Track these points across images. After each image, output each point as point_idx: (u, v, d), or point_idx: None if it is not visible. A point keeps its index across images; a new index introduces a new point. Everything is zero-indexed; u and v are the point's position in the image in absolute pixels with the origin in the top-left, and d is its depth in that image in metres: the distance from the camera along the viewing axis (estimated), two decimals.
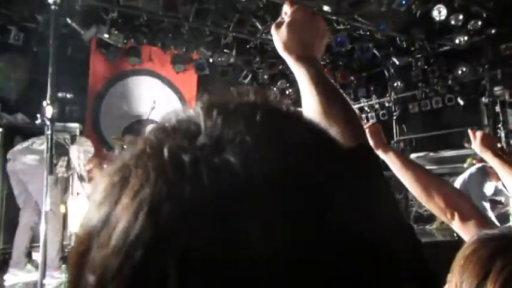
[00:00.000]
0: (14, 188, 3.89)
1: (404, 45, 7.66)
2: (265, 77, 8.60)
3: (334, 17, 6.65)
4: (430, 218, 6.16)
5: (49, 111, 2.69)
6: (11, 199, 4.39)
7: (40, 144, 3.76)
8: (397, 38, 7.51)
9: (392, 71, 8.45)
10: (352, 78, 9.23)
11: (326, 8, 6.35)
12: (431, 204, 1.29)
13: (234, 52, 7.74)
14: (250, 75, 8.48)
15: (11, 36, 6.19)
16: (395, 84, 8.54)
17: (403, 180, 1.38)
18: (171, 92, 8.12)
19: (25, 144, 3.87)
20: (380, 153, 1.44)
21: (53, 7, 2.28)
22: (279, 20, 0.86)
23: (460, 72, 7.55)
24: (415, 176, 1.35)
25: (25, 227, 3.89)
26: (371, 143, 1.35)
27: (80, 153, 4.03)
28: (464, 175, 5.63)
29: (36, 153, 3.71)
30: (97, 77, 7.34)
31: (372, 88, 9.13)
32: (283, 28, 0.83)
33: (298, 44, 0.82)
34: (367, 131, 1.24)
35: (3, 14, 6.01)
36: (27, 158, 3.75)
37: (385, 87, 8.91)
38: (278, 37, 0.84)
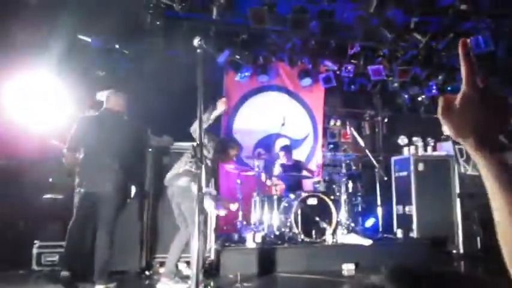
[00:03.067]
0: (174, 209, 4.29)
1: None
2: (395, 84, 8.25)
3: None
4: None
5: (196, 132, 2.92)
6: (165, 214, 4.89)
7: (190, 165, 4.11)
8: None
9: None
10: None
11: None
12: None
13: (361, 62, 7.60)
14: (378, 85, 8.20)
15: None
16: None
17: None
18: (299, 106, 8.24)
19: (174, 171, 4.25)
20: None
21: (198, 51, 2.48)
22: (445, 98, 0.74)
23: None
24: None
25: (180, 242, 4.24)
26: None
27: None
28: None
29: (186, 175, 4.07)
30: (230, 97, 7.79)
31: None
32: (455, 109, 0.71)
33: (475, 128, 0.69)
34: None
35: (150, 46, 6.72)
36: (180, 181, 4.12)
37: None
38: (448, 121, 0.72)
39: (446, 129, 0.73)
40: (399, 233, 6.61)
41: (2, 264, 4.71)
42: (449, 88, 7.92)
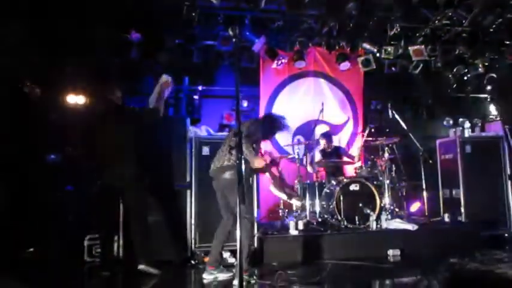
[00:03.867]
0: (219, 200, 4.35)
1: None
2: (438, 64, 7.93)
3: None
4: None
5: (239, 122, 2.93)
6: (209, 203, 4.97)
7: (228, 157, 4.14)
8: None
9: None
10: None
11: None
12: None
13: (402, 43, 7.36)
14: (421, 65, 7.91)
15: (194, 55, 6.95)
16: None
17: None
18: (338, 91, 8.10)
19: (217, 163, 4.28)
20: None
21: (234, 39, 2.48)
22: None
23: None
24: None
25: (223, 230, 4.30)
26: None
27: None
28: None
29: (230, 169, 4.09)
30: (267, 84, 7.76)
31: None
32: None
33: None
34: None
35: (187, 34, 6.78)
36: (225, 175, 4.15)
37: None
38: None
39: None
40: (446, 217, 6.42)
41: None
42: (497, 66, 7.55)
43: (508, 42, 7.18)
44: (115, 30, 6.28)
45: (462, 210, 6.39)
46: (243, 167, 2.57)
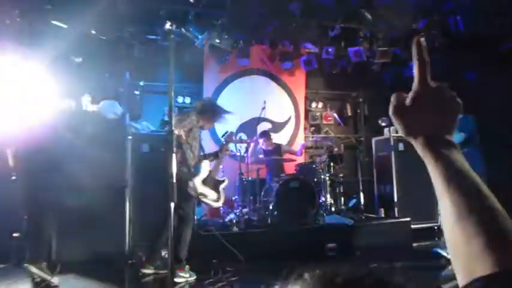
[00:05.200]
0: None
1: None
2: (376, 66, 8.26)
3: None
4: None
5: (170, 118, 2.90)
6: (149, 203, 4.88)
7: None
8: None
9: None
10: None
11: None
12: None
13: (342, 44, 7.60)
14: (359, 67, 8.20)
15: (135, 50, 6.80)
16: None
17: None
18: (280, 89, 8.23)
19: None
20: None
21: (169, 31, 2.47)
22: (397, 97, 0.74)
23: None
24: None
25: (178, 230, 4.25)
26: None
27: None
28: None
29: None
30: (211, 81, 7.74)
31: None
32: (407, 108, 0.71)
33: (425, 127, 0.69)
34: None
35: (130, 32, 6.63)
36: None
37: None
38: (400, 119, 0.72)
39: (397, 128, 0.73)
40: (381, 212, 6.72)
41: None
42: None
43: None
44: None
45: (395, 205, 6.73)
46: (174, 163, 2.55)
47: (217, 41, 7.13)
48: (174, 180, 2.65)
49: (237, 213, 6.05)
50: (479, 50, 6.69)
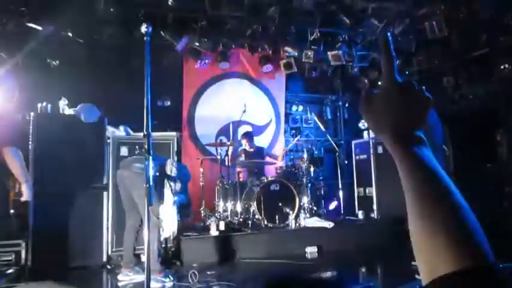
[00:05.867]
0: (121, 193, 4.23)
1: None
2: (355, 70, 8.37)
3: None
4: None
5: (147, 122, 2.85)
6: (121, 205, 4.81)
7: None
8: None
9: None
10: None
11: None
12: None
13: (321, 47, 7.66)
14: (339, 70, 8.29)
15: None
16: None
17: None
18: (261, 92, 8.25)
19: (136, 154, 4.18)
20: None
21: (145, 38, 2.44)
22: (366, 94, 0.74)
23: None
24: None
25: (130, 229, 4.22)
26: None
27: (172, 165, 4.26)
28: None
29: (141, 162, 3.98)
30: (191, 85, 7.70)
31: None
32: (374, 104, 0.71)
33: (393, 123, 0.68)
34: None
35: (107, 34, 6.54)
36: (133, 167, 4.05)
37: None
38: (368, 116, 0.72)
39: (367, 125, 0.73)
40: (360, 215, 6.78)
41: None
42: (406, 72, 8.11)
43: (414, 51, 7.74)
44: None
45: (374, 207, 6.79)
46: (151, 167, 2.51)
47: (197, 44, 7.11)
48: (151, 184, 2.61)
49: (218, 216, 6.02)
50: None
